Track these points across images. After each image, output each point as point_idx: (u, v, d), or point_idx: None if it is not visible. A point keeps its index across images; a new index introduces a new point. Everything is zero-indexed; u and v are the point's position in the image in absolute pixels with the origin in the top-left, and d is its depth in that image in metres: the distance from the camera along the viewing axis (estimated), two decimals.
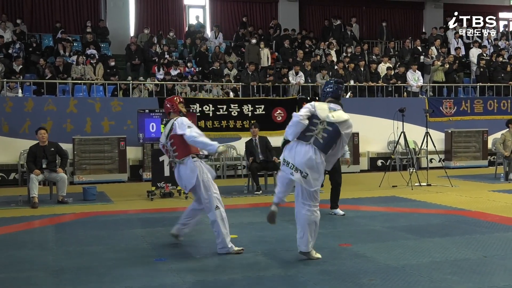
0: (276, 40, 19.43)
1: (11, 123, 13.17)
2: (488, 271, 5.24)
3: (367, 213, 8.65)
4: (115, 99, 14.28)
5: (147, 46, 17.39)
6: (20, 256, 6.12)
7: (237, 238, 6.89)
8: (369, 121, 15.65)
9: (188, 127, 6.09)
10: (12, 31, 16.86)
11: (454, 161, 15.91)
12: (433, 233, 7.06)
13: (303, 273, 5.24)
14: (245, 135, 14.70)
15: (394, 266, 5.44)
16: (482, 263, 5.56)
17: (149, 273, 5.36)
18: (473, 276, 5.10)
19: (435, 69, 17.57)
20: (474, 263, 5.55)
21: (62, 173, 10.02)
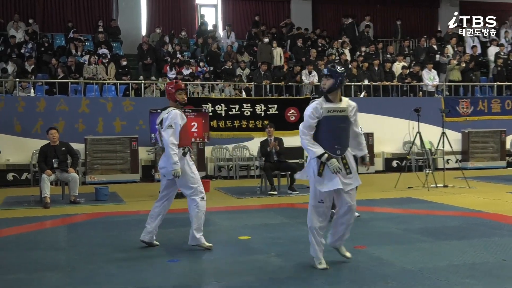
0: (289, 39, 19.40)
1: (23, 123, 13.28)
2: (507, 275, 5.18)
3: (382, 215, 8.60)
4: (127, 99, 14.35)
5: (158, 46, 17.45)
6: (32, 256, 6.15)
7: (250, 239, 6.88)
8: (384, 121, 15.58)
9: (169, 126, 6.13)
10: (24, 31, 17.01)
11: (471, 162, 15.79)
12: (450, 235, 6.99)
13: (317, 276, 5.21)
14: (257, 135, 14.71)
15: (411, 269, 5.39)
16: (501, 266, 5.48)
17: (162, 274, 5.36)
18: (492, 280, 5.04)
19: (451, 68, 17.44)
20: (493, 266, 5.48)
21: (73, 173, 10.08)
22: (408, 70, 17.06)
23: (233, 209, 9.36)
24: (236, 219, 8.36)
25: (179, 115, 6.24)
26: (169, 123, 6.14)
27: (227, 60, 16.84)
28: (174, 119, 6.15)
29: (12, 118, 13.23)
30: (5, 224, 8.18)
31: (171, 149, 6.09)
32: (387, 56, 18.27)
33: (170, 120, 6.15)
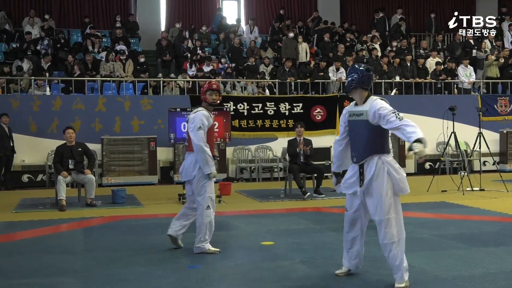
0: (315, 33, 19.35)
1: (38, 123, 13.50)
2: None
3: (414, 220, 8.53)
4: (145, 97, 14.48)
5: (178, 41, 17.56)
6: (47, 260, 6.26)
7: (273, 244, 6.90)
8: (416, 120, 15.11)
9: (198, 128, 6.24)
10: (40, 27, 17.29)
11: (510, 164, 15.57)
12: (487, 242, 6.92)
13: (344, 284, 5.20)
14: (281, 135, 14.72)
15: (444, 278, 5.35)
16: None
17: (181, 281, 5.41)
18: None
19: (489, 64, 17.22)
20: None
21: (90, 175, 10.21)
22: (443, 66, 16.89)
23: (256, 213, 9.39)
24: (259, 223, 8.38)
25: (205, 116, 6.35)
26: (198, 125, 6.26)
27: (250, 56, 16.88)
28: (201, 121, 6.28)
29: (27, 118, 13.46)
30: (21, 227, 8.34)
31: (206, 153, 6.23)
32: (420, 52, 18.12)
33: (199, 122, 6.27)
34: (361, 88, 5.16)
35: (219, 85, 6.71)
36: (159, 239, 7.39)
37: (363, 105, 5.12)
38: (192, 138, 6.30)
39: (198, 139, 6.22)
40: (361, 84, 5.14)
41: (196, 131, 6.24)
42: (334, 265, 5.75)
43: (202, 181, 6.33)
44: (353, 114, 5.18)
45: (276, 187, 12.13)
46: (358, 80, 5.13)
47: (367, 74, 5.17)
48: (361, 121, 5.09)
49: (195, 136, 6.26)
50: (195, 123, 6.28)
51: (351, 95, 5.29)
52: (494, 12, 21.71)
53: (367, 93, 5.19)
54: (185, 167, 6.47)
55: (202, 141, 6.23)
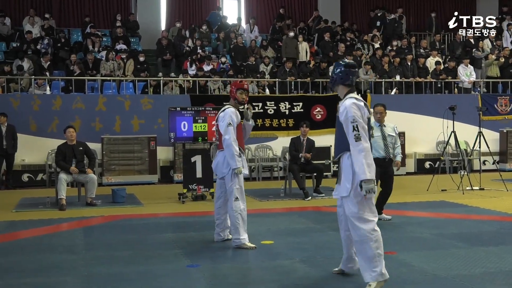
0: (316, 33, 19.36)
1: (38, 122, 13.52)
2: None
3: (414, 219, 8.56)
4: (145, 96, 14.50)
5: (178, 41, 17.57)
6: (48, 260, 6.28)
7: (273, 244, 6.92)
8: (416, 119, 15.47)
9: (228, 124, 6.56)
10: (41, 26, 17.29)
11: (509, 163, 15.58)
12: (486, 241, 6.94)
13: (344, 283, 5.22)
14: (281, 134, 14.74)
15: (443, 277, 5.37)
16: None
17: (181, 280, 5.43)
18: None
19: (489, 63, 17.23)
20: None
21: (91, 174, 10.24)
22: (443, 66, 16.90)
23: (256, 212, 9.40)
24: (258, 223, 8.40)
25: (234, 113, 6.70)
26: (228, 121, 6.59)
27: (250, 55, 16.89)
28: (230, 118, 6.61)
29: (27, 117, 13.47)
30: (21, 227, 8.36)
31: (233, 148, 6.56)
32: (420, 51, 18.12)
33: (227, 119, 6.60)
34: (341, 84, 5.12)
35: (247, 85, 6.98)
36: (159, 238, 7.42)
37: (341, 101, 5.09)
38: (224, 133, 6.60)
39: (228, 135, 6.55)
40: (340, 80, 5.11)
41: (226, 127, 6.57)
42: (334, 264, 5.77)
43: (233, 175, 6.63)
44: (337, 111, 5.18)
45: (276, 186, 12.15)
46: (338, 76, 5.11)
47: (346, 70, 5.10)
48: (338, 117, 5.06)
49: (225, 132, 6.57)
50: (225, 120, 6.60)
51: (335, 91, 5.33)
52: (494, 11, 21.72)
53: (347, 89, 5.10)
54: (218, 164, 6.78)
55: (231, 137, 6.55)
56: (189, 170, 10.71)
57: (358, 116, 4.80)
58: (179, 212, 9.60)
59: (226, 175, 6.71)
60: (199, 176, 10.66)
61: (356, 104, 4.88)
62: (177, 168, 13.44)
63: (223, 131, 6.64)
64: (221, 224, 7.04)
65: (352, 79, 5.14)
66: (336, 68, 5.18)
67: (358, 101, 4.94)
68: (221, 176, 6.82)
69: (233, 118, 6.65)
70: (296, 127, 14.78)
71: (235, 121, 6.68)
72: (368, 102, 15.07)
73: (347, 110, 4.85)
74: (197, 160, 10.66)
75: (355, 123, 4.76)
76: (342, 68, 5.11)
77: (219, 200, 6.99)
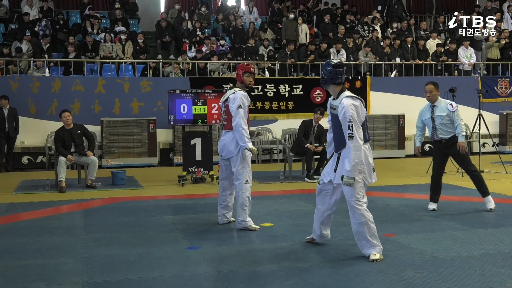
0: (315, 15, 19.23)
1: (38, 104, 13.48)
2: None
3: (413, 202, 8.56)
4: (144, 79, 14.44)
5: (177, 23, 17.45)
6: (48, 242, 6.29)
7: (272, 226, 6.93)
8: (416, 102, 15.33)
9: (238, 106, 6.59)
10: (39, 7, 17.16)
11: (509, 145, 15.59)
12: (485, 223, 6.95)
13: (343, 265, 5.23)
14: (281, 117, 14.72)
15: (442, 258, 5.38)
16: None
17: (181, 262, 5.44)
18: None
19: (490, 45, 17.13)
20: None
21: (93, 156, 10.24)
22: (443, 48, 16.80)
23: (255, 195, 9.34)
24: (258, 205, 8.39)
25: (245, 96, 6.72)
26: (239, 104, 6.59)
27: (249, 38, 16.78)
28: (241, 100, 6.62)
29: (26, 99, 13.44)
30: (21, 209, 8.37)
31: (243, 129, 6.57)
32: (420, 33, 18.01)
33: (240, 101, 6.60)
34: (332, 84, 5.46)
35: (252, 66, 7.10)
36: (159, 220, 7.43)
37: (337, 100, 5.44)
38: (234, 116, 6.61)
39: (238, 117, 6.57)
40: (330, 80, 5.44)
41: (236, 109, 6.58)
42: (333, 247, 5.79)
43: (241, 157, 6.66)
44: (331, 107, 5.55)
45: (275, 169, 12.15)
46: (327, 77, 5.45)
47: (335, 71, 5.42)
48: (336, 115, 5.42)
49: (237, 114, 6.58)
50: (236, 103, 6.61)
51: (326, 89, 5.63)
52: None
53: (340, 87, 5.46)
54: (225, 145, 6.77)
55: (242, 119, 6.57)
56: (188, 152, 10.70)
57: (355, 116, 5.23)
58: (178, 194, 9.60)
59: (234, 156, 6.70)
60: (198, 159, 10.64)
61: (354, 105, 5.29)
62: (177, 150, 13.43)
63: (234, 113, 6.62)
64: (226, 206, 7.04)
65: (341, 78, 5.46)
66: (325, 68, 5.50)
67: (354, 100, 5.34)
68: (228, 156, 6.78)
69: (244, 101, 6.65)
70: (296, 109, 14.78)
71: (246, 104, 6.69)
72: (367, 84, 15.07)
73: (345, 110, 5.24)
74: (197, 142, 10.64)
75: (351, 123, 5.20)
76: (331, 68, 5.44)
77: (225, 182, 6.97)
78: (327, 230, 5.91)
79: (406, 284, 4.66)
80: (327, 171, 5.62)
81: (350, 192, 5.33)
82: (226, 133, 6.81)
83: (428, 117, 7.88)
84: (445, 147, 7.78)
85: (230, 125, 6.71)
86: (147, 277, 4.98)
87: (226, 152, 6.78)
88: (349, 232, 5.68)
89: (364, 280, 4.82)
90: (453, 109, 7.71)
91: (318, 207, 5.81)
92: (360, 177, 5.31)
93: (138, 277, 4.97)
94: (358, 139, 5.21)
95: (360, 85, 15.02)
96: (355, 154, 5.19)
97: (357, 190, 5.31)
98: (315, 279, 4.87)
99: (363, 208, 5.33)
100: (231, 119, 6.66)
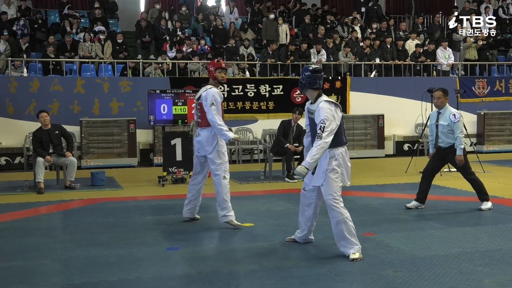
0: (295, 15, 19.28)
1: (16, 105, 13.30)
2: None
3: (392, 201, 8.63)
4: (124, 79, 14.34)
5: (157, 22, 17.38)
6: (26, 244, 6.22)
7: (253, 226, 6.93)
8: (395, 102, 15.53)
9: (211, 104, 6.64)
10: (17, 6, 16.96)
11: (486, 145, 15.76)
12: (463, 222, 7.03)
13: (323, 264, 5.25)
14: (262, 117, 14.73)
15: (421, 257, 5.43)
16: None
17: (161, 262, 5.42)
18: (506, 267, 5.08)
19: (468, 46, 17.33)
20: (507, 254, 5.52)
21: (71, 157, 10.14)
22: (422, 49, 16.95)
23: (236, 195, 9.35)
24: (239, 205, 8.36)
25: (217, 93, 6.77)
26: (210, 101, 6.66)
27: (230, 38, 16.77)
28: (214, 98, 6.67)
29: (4, 100, 13.25)
30: None
31: (218, 125, 6.63)
32: (400, 34, 18.16)
33: (210, 99, 6.67)
34: (310, 88, 5.58)
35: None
36: (138, 221, 7.39)
37: (315, 104, 5.56)
38: (207, 113, 6.66)
39: (212, 114, 6.62)
40: (309, 85, 5.57)
41: (209, 107, 6.64)
42: (314, 247, 5.82)
43: (217, 154, 6.72)
44: (309, 112, 5.67)
45: (256, 169, 12.16)
46: (306, 82, 5.57)
47: (313, 76, 5.55)
48: (313, 118, 5.53)
49: (209, 112, 6.63)
50: (208, 100, 6.66)
51: (304, 93, 5.73)
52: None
53: (317, 92, 5.59)
54: (201, 142, 6.82)
55: (216, 115, 6.62)
56: (169, 153, 10.65)
57: (330, 119, 5.35)
58: (159, 195, 9.56)
59: (210, 154, 6.74)
60: (179, 159, 10.60)
61: (330, 109, 5.41)
62: (157, 151, 13.36)
63: (206, 110, 6.68)
64: (193, 201, 7.11)
65: (319, 83, 5.60)
66: (304, 73, 5.62)
67: (330, 104, 5.46)
68: (203, 154, 6.84)
69: (216, 98, 6.71)
70: (276, 109, 14.79)
71: (218, 100, 6.75)
72: (347, 84, 15.15)
73: (320, 112, 5.39)
74: (177, 143, 10.60)
75: (323, 124, 5.34)
76: (309, 73, 5.57)
77: (197, 178, 7.03)
78: (312, 234, 6.00)
79: (385, 283, 4.70)
80: (307, 177, 5.68)
81: (327, 191, 5.43)
82: (201, 130, 6.86)
83: (433, 123, 7.92)
84: (445, 154, 7.86)
85: (204, 122, 6.78)
86: (127, 278, 4.95)
87: (202, 150, 6.84)
88: (329, 232, 5.71)
89: (344, 279, 4.85)
90: (455, 120, 7.63)
91: (305, 213, 5.85)
92: (338, 176, 5.43)
93: (117, 278, 4.94)
94: (326, 140, 5.31)
95: (340, 85, 15.08)
96: (318, 150, 5.31)
97: (334, 189, 5.42)
98: (295, 278, 4.88)
99: (340, 206, 5.42)
100: (205, 117, 6.73)
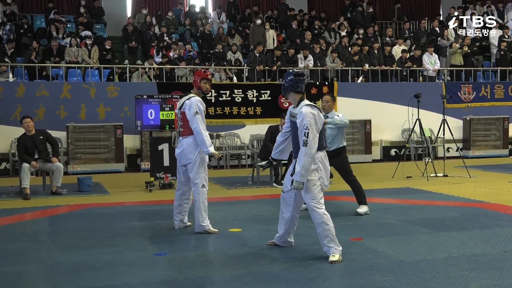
0: (283, 21, 19.34)
1: (1, 110, 13.18)
2: (508, 267, 5.25)
3: (380, 206, 8.66)
4: (111, 84, 14.29)
5: (144, 28, 17.35)
6: (12, 249, 6.17)
7: (241, 231, 6.93)
8: (382, 107, 15.61)
9: (195, 113, 6.64)
10: (2, 11, 16.85)
11: (472, 150, 15.89)
12: (450, 226, 7.07)
13: (311, 269, 5.26)
14: (249, 122, 14.74)
15: (408, 262, 5.46)
16: (502, 258, 5.56)
17: (148, 268, 5.40)
18: (492, 272, 5.11)
19: (453, 52, 17.48)
20: (493, 258, 5.56)
21: (58, 163, 10.08)
22: (409, 54, 17.07)
23: (224, 200, 9.40)
24: (226, 210, 8.41)
25: (200, 101, 6.76)
26: (194, 110, 6.66)
27: (217, 43, 16.78)
28: (197, 106, 6.68)
29: None
30: None
31: (203, 135, 6.63)
32: (386, 39, 18.27)
33: (194, 108, 6.67)
34: (292, 92, 5.65)
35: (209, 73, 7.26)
36: (126, 227, 7.36)
37: (297, 108, 5.62)
38: (191, 122, 6.66)
39: (196, 123, 6.62)
40: (291, 88, 5.63)
41: (193, 116, 6.63)
42: (301, 251, 5.82)
43: (199, 163, 6.73)
44: (291, 115, 5.72)
45: (243, 174, 12.16)
46: (288, 85, 5.64)
47: (296, 79, 5.62)
48: (295, 122, 5.58)
49: (193, 121, 6.63)
50: (192, 109, 6.63)
51: (286, 97, 5.81)
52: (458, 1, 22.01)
53: (300, 96, 5.66)
54: (183, 151, 6.80)
55: (200, 124, 6.62)
56: (156, 158, 10.62)
57: (312, 125, 5.41)
58: (146, 200, 9.52)
59: (191, 162, 6.74)
60: (166, 164, 10.58)
61: (312, 113, 5.47)
62: (144, 156, 13.32)
63: (190, 119, 6.67)
64: (183, 211, 7.10)
65: (301, 87, 5.66)
66: (287, 77, 5.68)
67: (313, 109, 5.52)
68: (185, 163, 6.82)
69: (199, 107, 6.71)
70: (264, 115, 14.81)
71: (202, 109, 6.75)
72: (335, 90, 15.20)
73: (303, 117, 5.43)
74: (164, 148, 10.58)
75: (307, 130, 5.39)
76: (292, 77, 5.64)
77: (183, 187, 7.01)
78: (291, 237, 6.05)
79: None
80: (287, 179, 5.75)
81: (308, 195, 5.51)
82: (183, 140, 6.84)
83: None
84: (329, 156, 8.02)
85: (186, 131, 6.77)
86: (114, 284, 4.93)
87: (184, 159, 6.83)
88: (317, 237, 5.71)
89: (331, 284, 4.86)
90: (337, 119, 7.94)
91: (283, 215, 5.92)
92: (316, 180, 5.51)
93: (104, 284, 4.92)
94: (312, 147, 5.38)
95: (327, 90, 15.14)
96: (305, 160, 5.36)
97: (314, 193, 5.50)
98: (283, 283, 4.89)
99: (321, 210, 5.49)
100: (187, 126, 6.72)
